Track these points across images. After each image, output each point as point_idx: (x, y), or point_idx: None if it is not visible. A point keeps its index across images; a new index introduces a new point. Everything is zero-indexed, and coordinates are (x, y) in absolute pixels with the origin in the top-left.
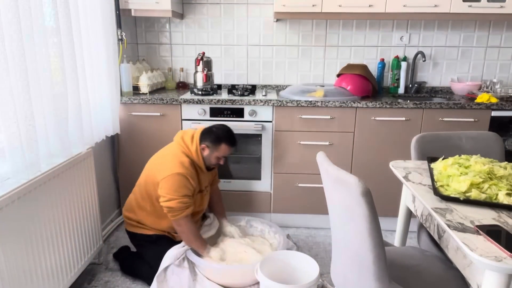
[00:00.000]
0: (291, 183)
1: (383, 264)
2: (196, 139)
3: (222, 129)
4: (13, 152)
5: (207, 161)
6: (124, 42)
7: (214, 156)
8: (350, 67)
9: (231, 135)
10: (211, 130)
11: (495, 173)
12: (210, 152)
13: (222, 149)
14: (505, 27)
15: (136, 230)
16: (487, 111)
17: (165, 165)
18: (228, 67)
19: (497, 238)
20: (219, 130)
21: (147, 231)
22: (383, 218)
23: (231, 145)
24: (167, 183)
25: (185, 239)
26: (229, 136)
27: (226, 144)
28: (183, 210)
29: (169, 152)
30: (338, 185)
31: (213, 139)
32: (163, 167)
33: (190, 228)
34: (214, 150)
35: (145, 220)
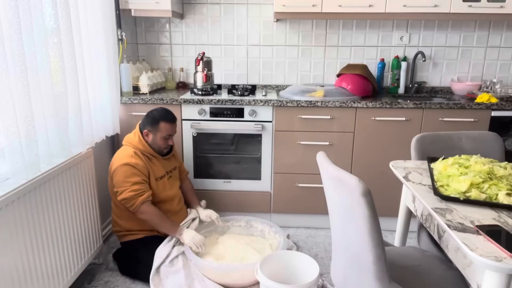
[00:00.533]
0: (291, 183)
1: (383, 264)
2: (136, 129)
3: (157, 110)
4: (13, 152)
5: (155, 145)
6: (124, 42)
7: (158, 138)
8: (350, 67)
9: (167, 113)
10: (147, 115)
11: (495, 173)
12: (153, 135)
13: (162, 128)
14: (505, 27)
15: (127, 238)
16: (487, 111)
17: (113, 163)
18: (228, 67)
19: (497, 238)
20: (154, 112)
21: (137, 236)
22: (383, 218)
23: (170, 121)
24: (115, 177)
25: (156, 225)
26: (165, 114)
27: (165, 122)
28: (136, 198)
29: (118, 154)
30: (338, 185)
31: (151, 121)
32: (112, 166)
33: (152, 213)
34: (156, 132)
35: (130, 226)
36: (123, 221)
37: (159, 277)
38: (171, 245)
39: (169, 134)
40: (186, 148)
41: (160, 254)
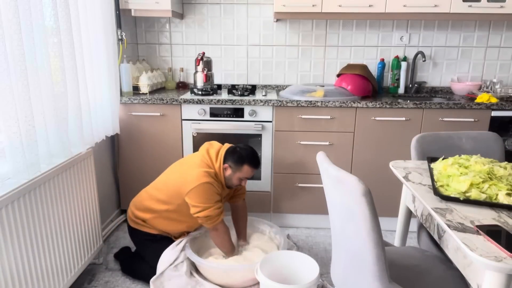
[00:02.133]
0: (291, 183)
1: (383, 264)
2: (220, 156)
3: (246, 149)
4: (14, 152)
5: (228, 181)
6: (124, 42)
7: (236, 177)
8: (350, 67)
9: (254, 157)
10: (235, 150)
11: (495, 173)
12: (232, 172)
13: (244, 170)
14: (505, 27)
15: (140, 227)
16: (487, 111)
17: (191, 175)
18: (228, 67)
19: (497, 238)
20: (243, 151)
21: (151, 230)
22: (383, 218)
23: (254, 167)
24: (197, 193)
25: (219, 243)
26: (252, 157)
27: (249, 166)
28: (219, 216)
29: (193, 163)
30: (338, 185)
31: (236, 159)
32: (189, 178)
33: (226, 231)
34: (236, 171)
35: (152, 222)
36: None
37: (161, 279)
38: (179, 250)
39: (247, 177)
40: (186, 148)
41: (167, 258)
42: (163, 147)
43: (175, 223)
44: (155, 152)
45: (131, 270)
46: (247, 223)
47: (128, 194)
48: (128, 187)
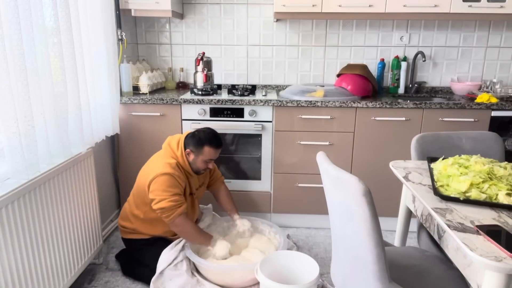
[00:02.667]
0: (291, 183)
1: (383, 264)
2: (181, 144)
3: (204, 131)
4: (13, 152)
5: (193, 166)
6: (124, 42)
7: (200, 160)
8: (350, 67)
9: (214, 137)
10: (194, 134)
11: (495, 173)
12: (195, 156)
13: (206, 152)
14: (505, 27)
15: (132, 236)
16: (487, 111)
17: (153, 169)
18: (228, 67)
19: (497, 238)
20: (201, 133)
21: (144, 236)
22: (383, 218)
23: (215, 147)
24: (155, 184)
25: (188, 238)
26: (211, 138)
27: (210, 147)
28: (175, 209)
29: (157, 158)
30: (338, 185)
31: (196, 143)
32: (151, 171)
33: (188, 226)
34: (198, 154)
35: (140, 228)
36: (136, 221)
37: (161, 279)
38: (178, 249)
39: (211, 158)
40: None
41: (166, 257)
42: None
43: (160, 223)
44: (155, 152)
45: (132, 272)
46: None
47: (128, 194)
48: (128, 187)
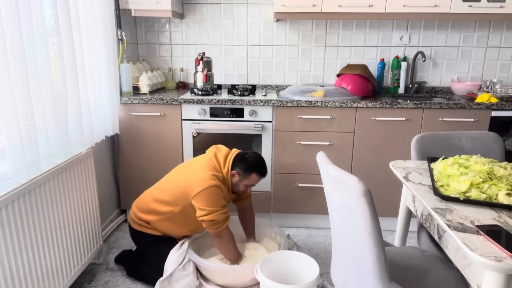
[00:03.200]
0: (291, 183)
1: (383, 264)
2: (229, 162)
3: (255, 158)
4: (14, 152)
5: (235, 187)
6: (124, 42)
7: (243, 184)
8: (350, 67)
9: (263, 166)
10: (244, 158)
11: (495, 173)
12: (240, 179)
13: (252, 178)
14: (505, 27)
15: (143, 229)
16: (487, 111)
17: (199, 178)
18: (228, 67)
19: (497, 238)
20: (252, 159)
21: (155, 232)
22: (383, 218)
23: (262, 175)
24: (204, 197)
25: (223, 250)
26: (261, 166)
27: (257, 174)
28: (225, 221)
29: (201, 166)
30: (338, 185)
31: (245, 167)
32: (196, 180)
33: (231, 238)
34: (244, 178)
35: (156, 224)
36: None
37: (169, 279)
38: (185, 250)
39: (253, 184)
40: (186, 148)
41: (175, 258)
42: (163, 147)
43: (179, 225)
44: (155, 152)
45: (137, 274)
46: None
47: (128, 194)
48: (128, 187)
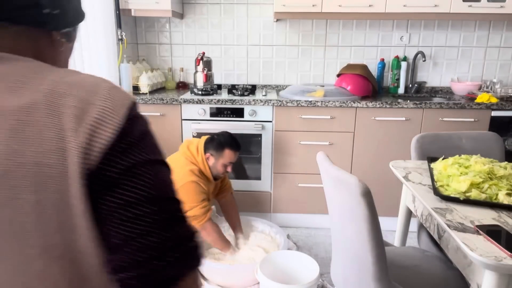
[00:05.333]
0: (291, 183)
1: (383, 264)
2: (200, 149)
3: (224, 135)
4: None
5: (214, 170)
6: (124, 42)
7: (220, 164)
8: (350, 67)
9: (233, 140)
10: (213, 138)
11: (495, 173)
12: (215, 160)
13: (226, 155)
14: (505, 27)
15: None
16: (487, 111)
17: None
18: (228, 67)
19: (497, 238)
20: (221, 137)
21: None
22: (383, 218)
23: (235, 149)
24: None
25: (211, 241)
26: (231, 141)
27: (230, 149)
28: (206, 214)
29: (176, 163)
30: (338, 185)
31: (216, 146)
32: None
33: (215, 229)
34: (219, 157)
35: None
36: None
37: None
38: None
39: (230, 161)
40: None
41: None
42: (163, 147)
43: None
44: None
45: None
46: (246, 222)
47: None
48: None
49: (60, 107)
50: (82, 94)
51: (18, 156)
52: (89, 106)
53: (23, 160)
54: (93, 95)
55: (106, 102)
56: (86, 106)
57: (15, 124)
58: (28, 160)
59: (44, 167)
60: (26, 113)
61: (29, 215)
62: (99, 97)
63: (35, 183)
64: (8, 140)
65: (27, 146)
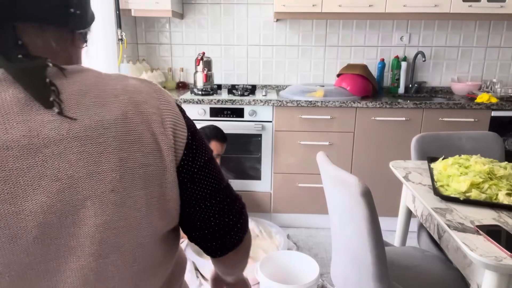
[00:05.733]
0: (291, 183)
1: (383, 264)
2: None
3: (209, 127)
4: None
5: None
6: (124, 42)
7: None
8: (350, 67)
9: (219, 132)
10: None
11: (495, 173)
12: None
13: (213, 147)
14: (505, 27)
15: None
16: (487, 111)
17: None
18: (228, 67)
19: (497, 238)
20: (206, 129)
21: None
22: (383, 218)
23: (221, 141)
24: None
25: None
26: (217, 133)
27: (216, 141)
28: None
29: None
30: (338, 185)
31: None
32: None
33: None
34: None
35: None
36: None
37: None
38: (183, 248)
39: (218, 153)
40: None
41: None
42: None
43: None
44: None
45: None
46: None
47: None
48: None
49: (146, 114)
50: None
51: (127, 162)
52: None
53: (132, 165)
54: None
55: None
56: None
57: (117, 134)
58: (135, 165)
59: (148, 167)
60: (122, 124)
61: (140, 209)
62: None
63: (143, 181)
64: (115, 149)
65: (132, 153)
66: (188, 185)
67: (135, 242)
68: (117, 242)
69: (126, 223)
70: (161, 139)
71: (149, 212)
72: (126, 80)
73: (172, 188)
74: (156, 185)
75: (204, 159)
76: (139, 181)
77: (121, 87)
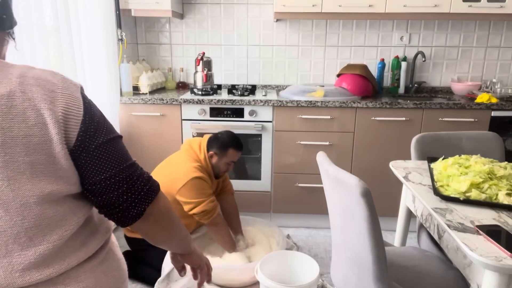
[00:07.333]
0: (291, 183)
1: (383, 265)
2: (203, 147)
3: (227, 134)
4: None
5: (216, 168)
6: (124, 42)
7: (223, 163)
8: (350, 67)
9: (237, 140)
10: (217, 137)
11: (495, 173)
12: (218, 158)
13: (230, 154)
14: (505, 27)
15: (137, 235)
16: (487, 111)
17: (180, 173)
18: (228, 67)
19: (497, 238)
20: (225, 136)
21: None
22: (383, 218)
23: (238, 149)
24: (189, 189)
25: (220, 238)
26: (235, 140)
27: (234, 149)
28: (215, 209)
29: (179, 161)
30: (338, 185)
31: (220, 145)
32: (177, 176)
33: (225, 224)
34: (222, 156)
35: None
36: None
37: (167, 280)
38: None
39: (233, 160)
40: None
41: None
42: (163, 147)
43: None
44: (155, 152)
45: (137, 275)
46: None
47: None
48: None
49: (33, 93)
50: (47, 85)
51: (8, 131)
52: (55, 94)
53: (13, 134)
54: (52, 85)
55: (64, 90)
56: (52, 93)
57: (1, 107)
58: (18, 134)
59: (32, 137)
60: (7, 100)
61: (24, 172)
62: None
63: (26, 149)
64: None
65: (15, 124)
66: (87, 161)
67: (20, 201)
68: (2, 200)
69: (10, 183)
70: (47, 114)
71: (34, 176)
72: (29, 69)
73: (62, 158)
74: (42, 153)
75: (102, 139)
76: (22, 147)
77: (18, 73)
